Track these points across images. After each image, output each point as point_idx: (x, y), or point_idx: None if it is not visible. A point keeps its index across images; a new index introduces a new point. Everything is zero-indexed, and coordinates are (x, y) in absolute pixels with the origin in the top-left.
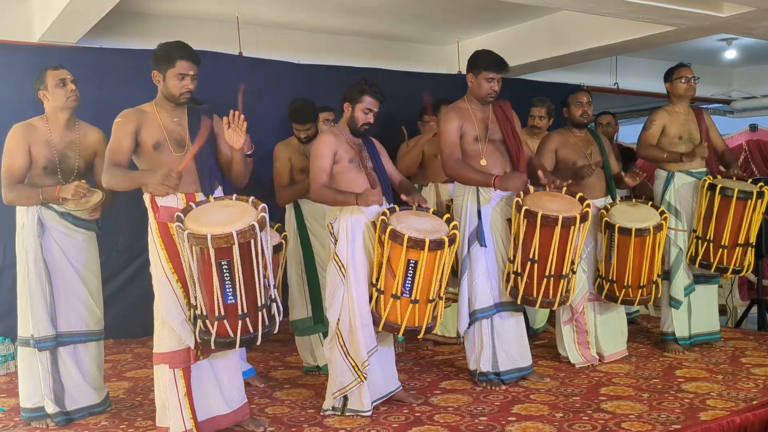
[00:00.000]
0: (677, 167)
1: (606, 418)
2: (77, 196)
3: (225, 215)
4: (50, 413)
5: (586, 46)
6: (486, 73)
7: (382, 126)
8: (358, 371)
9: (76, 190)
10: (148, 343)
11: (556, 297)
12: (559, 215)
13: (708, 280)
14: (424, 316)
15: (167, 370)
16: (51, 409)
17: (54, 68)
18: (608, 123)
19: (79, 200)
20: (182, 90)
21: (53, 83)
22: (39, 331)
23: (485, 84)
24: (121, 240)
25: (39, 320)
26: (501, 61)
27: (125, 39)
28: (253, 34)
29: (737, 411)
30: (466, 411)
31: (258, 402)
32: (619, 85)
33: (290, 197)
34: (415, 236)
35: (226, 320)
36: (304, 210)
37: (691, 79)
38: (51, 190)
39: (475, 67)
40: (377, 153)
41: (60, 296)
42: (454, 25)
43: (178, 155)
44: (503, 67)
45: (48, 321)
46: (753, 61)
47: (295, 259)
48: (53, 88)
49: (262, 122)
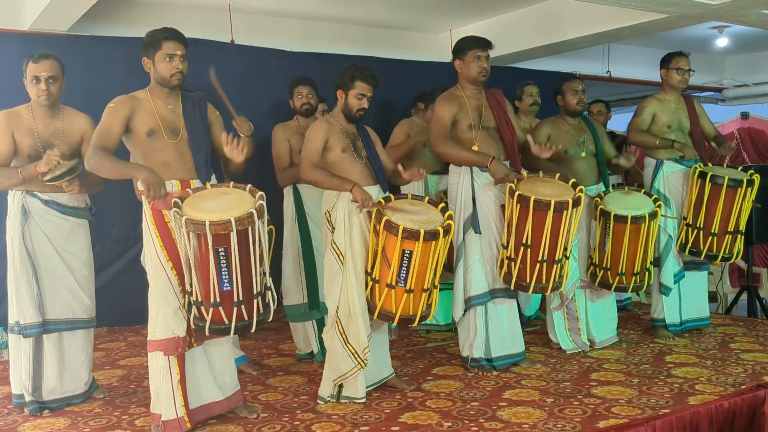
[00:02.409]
0: (667, 155)
1: (596, 402)
2: (50, 164)
3: (223, 202)
4: (26, 401)
5: (578, 33)
6: (473, 51)
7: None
8: (358, 358)
9: (47, 158)
10: (142, 331)
11: (549, 282)
12: (551, 200)
13: (698, 266)
14: (418, 305)
15: (161, 357)
16: (27, 398)
17: (35, 60)
18: (599, 111)
19: (54, 168)
20: (173, 71)
21: (29, 77)
22: (24, 317)
23: (474, 64)
24: (116, 229)
25: (24, 307)
26: (484, 39)
27: (116, 27)
28: (244, 21)
29: (726, 396)
30: (457, 396)
31: (251, 389)
32: (611, 74)
33: (291, 179)
34: (410, 227)
35: (222, 307)
36: (303, 195)
37: (687, 72)
38: (29, 168)
39: (461, 51)
40: (371, 142)
41: (45, 284)
42: (446, 12)
43: (172, 142)
44: (488, 43)
45: (34, 308)
46: (745, 49)
47: (292, 245)
48: (28, 82)
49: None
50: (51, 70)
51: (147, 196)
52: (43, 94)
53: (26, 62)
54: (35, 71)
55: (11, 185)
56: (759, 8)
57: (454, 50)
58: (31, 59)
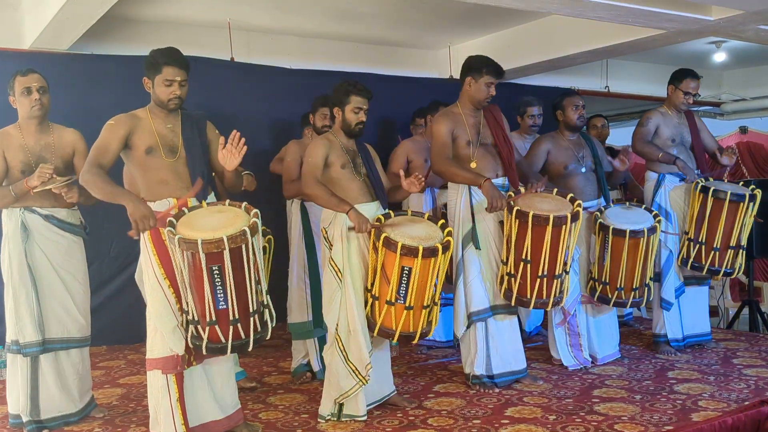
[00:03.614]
0: (668, 169)
1: (599, 419)
2: (43, 178)
3: (217, 220)
4: (23, 421)
5: (576, 49)
6: (488, 77)
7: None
8: (359, 375)
9: (40, 172)
10: (141, 349)
11: (549, 297)
12: (550, 215)
13: (699, 281)
14: (419, 321)
15: (160, 376)
16: (24, 418)
17: (23, 74)
18: (603, 125)
19: (47, 182)
20: (170, 96)
21: (19, 90)
22: (24, 336)
23: (485, 88)
24: (114, 246)
25: (24, 326)
26: (501, 68)
27: (116, 45)
28: (244, 39)
29: (729, 412)
30: (459, 414)
31: (252, 407)
32: (609, 89)
33: (296, 192)
34: (409, 244)
35: (218, 326)
36: (310, 213)
37: (693, 96)
38: (20, 183)
39: (476, 70)
40: (371, 159)
41: (43, 302)
42: (445, 29)
43: (169, 161)
44: (502, 73)
45: (33, 326)
46: (742, 64)
47: (298, 262)
48: (18, 95)
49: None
50: (40, 82)
51: (134, 233)
52: (36, 104)
53: (12, 79)
54: (26, 83)
55: (4, 204)
56: (756, 23)
57: (468, 66)
58: (18, 74)
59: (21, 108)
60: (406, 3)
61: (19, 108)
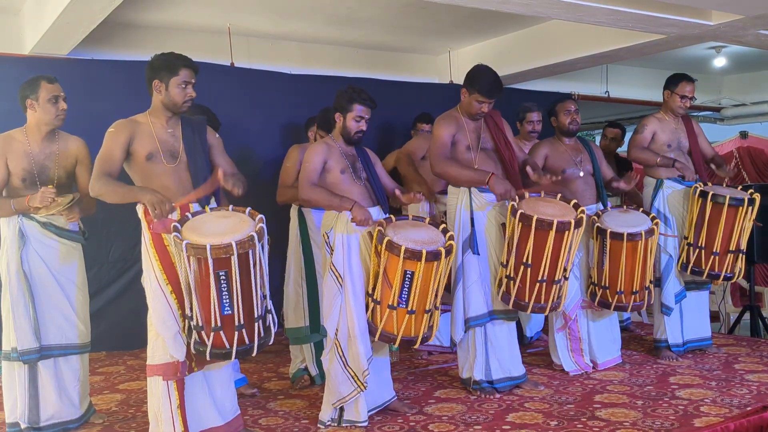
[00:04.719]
0: (667, 174)
1: (600, 425)
2: (45, 202)
3: (223, 226)
4: (22, 428)
5: (576, 54)
6: (478, 95)
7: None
8: (358, 381)
9: (42, 196)
10: (141, 355)
11: (547, 302)
12: (554, 219)
13: (699, 286)
14: (420, 326)
15: (161, 382)
16: (22, 425)
17: (49, 81)
18: (613, 137)
19: (48, 206)
20: (186, 98)
21: (46, 97)
22: (22, 343)
23: (475, 104)
24: (113, 251)
25: (22, 333)
26: (496, 88)
27: (116, 50)
28: (244, 44)
29: (731, 417)
30: (460, 420)
31: (252, 413)
32: (609, 94)
33: (289, 197)
34: (412, 247)
35: (223, 331)
36: (307, 220)
37: (690, 99)
38: (22, 200)
39: (471, 84)
40: (371, 163)
41: (41, 309)
42: (445, 34)
43: (170, 166)
44: (496, 94)
45: (31, 333)
46: (742, 69)
47: (296, 269)
48: (44, 101)
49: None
50: (63, 91)
51: (154, 214)
52: (61, 114)
53: (37, 83)
54: (54, 91)
55: (4, 215)
56: (756, 29)
57: (468, 77)
58: (45, 80)
59: (46, 115)
60: (406, 8)
61: (41, 113)
